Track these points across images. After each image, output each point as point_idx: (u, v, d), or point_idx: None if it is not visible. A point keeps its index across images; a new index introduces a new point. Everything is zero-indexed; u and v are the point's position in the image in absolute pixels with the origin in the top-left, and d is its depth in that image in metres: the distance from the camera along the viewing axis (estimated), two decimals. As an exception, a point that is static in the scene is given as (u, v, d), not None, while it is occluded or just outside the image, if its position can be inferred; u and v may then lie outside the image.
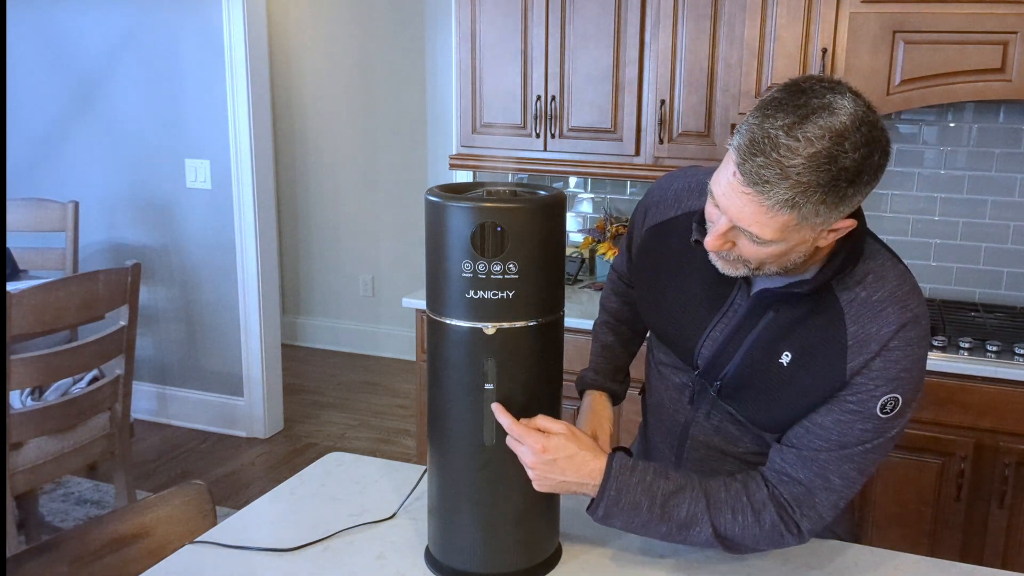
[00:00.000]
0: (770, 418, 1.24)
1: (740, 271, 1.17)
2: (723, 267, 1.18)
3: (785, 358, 1.20)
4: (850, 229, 1.11)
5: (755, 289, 1.24)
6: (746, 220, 1.06)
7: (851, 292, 1.17)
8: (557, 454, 1.18)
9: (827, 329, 1.17)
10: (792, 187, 1.00)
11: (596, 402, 1.51)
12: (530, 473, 1.20)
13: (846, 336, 1.16)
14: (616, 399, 1.54)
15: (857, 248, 1.17)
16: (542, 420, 1.20)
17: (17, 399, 2.64)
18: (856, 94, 1.04)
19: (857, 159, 1.00)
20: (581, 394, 1.55)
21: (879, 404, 1.15)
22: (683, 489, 1.21)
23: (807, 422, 1.20)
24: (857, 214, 1.14)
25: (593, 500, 1.22)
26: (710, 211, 1.14)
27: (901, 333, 1.14)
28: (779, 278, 1.20)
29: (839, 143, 0.99)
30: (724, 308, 1.27)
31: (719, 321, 1.27)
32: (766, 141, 1.00)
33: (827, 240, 1.12)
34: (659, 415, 1.43)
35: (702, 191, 1.30)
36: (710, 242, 1.13)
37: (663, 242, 1.36)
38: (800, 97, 1.02)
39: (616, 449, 1.49)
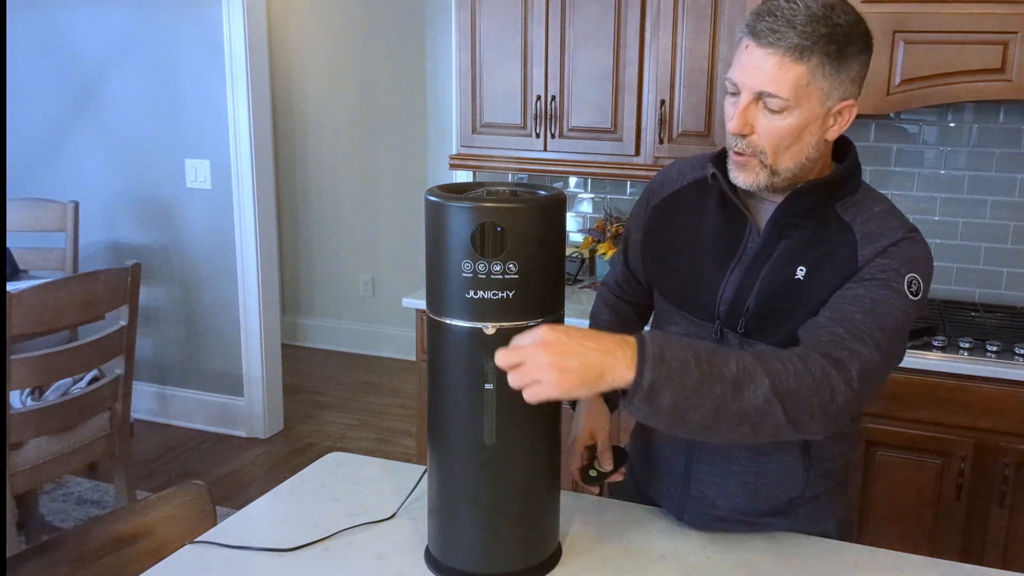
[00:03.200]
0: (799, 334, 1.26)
1: (759, 175, 1.24)
2: (744, 178, 1.25)
3: (800, 272, 1.27)
4: (850, 120, 1.24)
5: (765, 222, 1.31)
6: (764, 78, 1.18)
7: (853, 212, 1.28)
8: (559, 329, 1.06)
9: (838, 241, 1.27)
10: (798, 35, 1.16)
11: (592, 401, 1.51)
12: (545, 367, 1.03)
13: (855, 238, 1.26)
14: (611, 405, 1.53)
15: (856, 168, 1.30)
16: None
17: (17, 399, 2.64)
18: None
19: (848, 22, 1.18)
20: (573, 404, 1.52)
21: (905, 281, 1.22)
22: (721, 348, 1.13)
23: (837, 297, 1.23)
24: (850, 148, 1.30)
25: (625, 391, 1.06)
26: (729, 106, 1.24)
27: (906, 237, 1.25)
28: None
29: (830, 8, 1.18)
30: (739, 253, 1.33)
31: (736, 266, 1.33)
32: (770, 7, 1.19)
33: (834, 126, 1.24)
34: None
35: (703, 165, 1.39)
36: (733, 123, 1.22)
37: (673, 214, 1.42)
38: None
39: (616, 448, 1.49)
